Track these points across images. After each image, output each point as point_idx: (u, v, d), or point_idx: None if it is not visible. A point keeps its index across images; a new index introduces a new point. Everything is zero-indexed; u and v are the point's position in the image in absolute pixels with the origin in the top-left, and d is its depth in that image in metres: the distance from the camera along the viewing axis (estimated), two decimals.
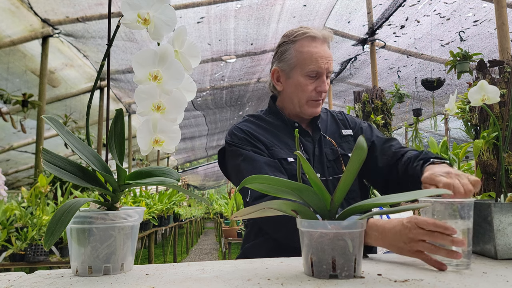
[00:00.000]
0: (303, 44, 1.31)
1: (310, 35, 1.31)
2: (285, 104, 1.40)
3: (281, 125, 1.38)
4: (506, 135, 0.92)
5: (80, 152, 0.73)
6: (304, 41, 1.32)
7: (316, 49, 1.30)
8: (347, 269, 0.65)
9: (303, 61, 1.30)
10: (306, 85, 1.30)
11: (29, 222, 2.68)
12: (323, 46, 1.32)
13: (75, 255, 0.71)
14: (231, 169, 1.33)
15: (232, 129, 1.37)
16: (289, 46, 1.35)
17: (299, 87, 1.32)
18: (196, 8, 4.83)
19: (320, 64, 1.28)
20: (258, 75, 7.42)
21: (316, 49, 1.30)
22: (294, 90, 1.33)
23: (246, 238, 1.40)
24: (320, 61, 1.28)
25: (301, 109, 1.34)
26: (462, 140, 9.43)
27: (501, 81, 2.88)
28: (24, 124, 4.91)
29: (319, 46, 1.31)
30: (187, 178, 20.48)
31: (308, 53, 1.30)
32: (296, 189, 0.72)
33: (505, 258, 0.80)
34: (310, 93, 1.31)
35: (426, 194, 0.68)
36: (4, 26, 4.32)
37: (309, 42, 1.31)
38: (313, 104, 1.33)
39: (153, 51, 0.70)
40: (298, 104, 1.34)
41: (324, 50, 1.31)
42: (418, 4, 5.33)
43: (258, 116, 1.42)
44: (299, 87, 1.32)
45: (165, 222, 5.64)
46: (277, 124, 1.38)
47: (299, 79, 1.31)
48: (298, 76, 1.32)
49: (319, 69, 1.29)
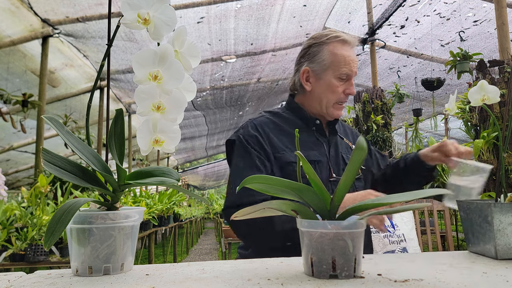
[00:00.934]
0: (336, 46, 1.35)
1: (342, 39, 1.36)
2: (310, 103, 1.41)
3: (300, 122, 1.40)
4: (506, 135, 0.92)
5: (80, 152, 0.73)
6: (337, 44, 1.36)
7: (348, 53, 1.35)
8: (347, 269, 0.65)
9: (337, 63, 1.34)
10: (337, 86, 1.35)
11: (29, 222, 2.68)
12: (352, 50, 1.38)
13: (75, 255, 0.71)
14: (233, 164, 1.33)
15: (248, 123, 1.37)
16: (322, 48, 1.37)
17: (329, 88, 1.35)
18: (196, 8, 4.83)
19: (352, 68, 1.34)
20: (258, 75, 7.42)
21: (348, 52, 1.36)
22: (325, 91, 1.36)
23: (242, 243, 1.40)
24: (352, 65, 1.34)
25: (327, 111, 1.38)
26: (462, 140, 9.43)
27: (501, 81, 2.88)
28: (24, 124, 4.91)
29: (350, 50, 1.37)
30: (187, 178, 20.48)
31: (342, 56, 1.34)
32: (296, 189, 0.72)
33: (505, 258, 0.80)
34: (339, 95, 1.35)
35: (426, 194, 0.68)
36: (4, 26, 4.32)
37: (342, 45, 1.36)
38: (339, 106, 1.38)
39: (153, 51, 0.70)
40: (325, 105, 1.37)
41: (353, 54, 1.38)
42: (418, 4, 5.33)
43: (276, 113, 1.43)
44: (330, 88, 1.35)
45: (165, 222, 5.64)
46: (295, 121, 1.40)
47: (331, 80, 1.35)
48: (330, 78, 1.35)
49: (351, 72, 1.34)
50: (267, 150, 1.29)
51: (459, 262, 0.79)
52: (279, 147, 1.30)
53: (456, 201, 0.94)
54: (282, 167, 1.27)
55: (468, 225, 0.89)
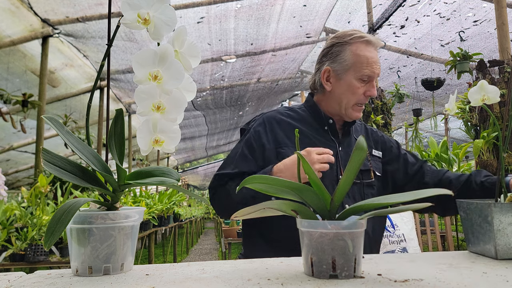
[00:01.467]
0: (360, 47, 1.32)
1: (366, 39, 1.33)
2: (328, 103, 1.40)
3: (313, 121, 1.40)
4: (506, 135, 0.92)
5: (80, 152, 0.73)
6: (361, 45, 1.33)
7: (371, 54, 1.32)
8: (347, 269, 0.65)
9: (359, 64, 1.31)
10: (358, 88, 1.32)
11: (29, 222, 2.68)
12: (375, 51, 1.35)
13: (75, 255, 0.71)
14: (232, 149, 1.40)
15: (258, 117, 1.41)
16: (345, 48, 1.34)
17: (350, 89, 1.33)
18: (196, 8, 4.83)
19: (374, 70, 1.31)
20: (258, 75, 7.42)
21: (371, 54, 1.33)
22: (345, 91, 1.34)
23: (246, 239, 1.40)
24: (375, 66, 1.32)
25: (346, 112, 1.36)
26: (462, 140, 9.43)
27: (501, 81, 2.88)
28: (24, 124, 4.91)
29: (373, 51, 1.34)
30: (187, 178, 20.49)
31: (365, 57, 1.32)
32: (296, 189, 0.72)
33: (505, 258, 0.80)
34: (359, 96, 1.33)
35: (426, 195, 0.68)
36: (4, 26, 4.32)
37: (365, 46, 1.33)
38: (358, 108, 1.35)
39: (153, 51, 0.70)
40: (345, 106, 1.35)
41: (376, 55, 1.34)
42: (418, 4, 5.33)
43: (292, 109, 1.44)
44: (351, 89, 1.33)
45: (165, 222, 5.64)
46: (309, 119, 1.40)
47: (352, 81, 1.33)
48: (351, 78, 1.33)
49: (373, 74, 1.32)
50: (265, 146, 1.31)
51: (459, 262, 0.79)
52: (283, 142, 1.32)
53: (456, 201, 0.94)
54: None
55: (468, 225, 0.89)
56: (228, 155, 1.39)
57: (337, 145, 1.36)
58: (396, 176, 1.43)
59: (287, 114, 1.41)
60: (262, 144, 1.32)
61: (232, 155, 1.36)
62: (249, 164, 1.30)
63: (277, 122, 1.37)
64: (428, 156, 4.06)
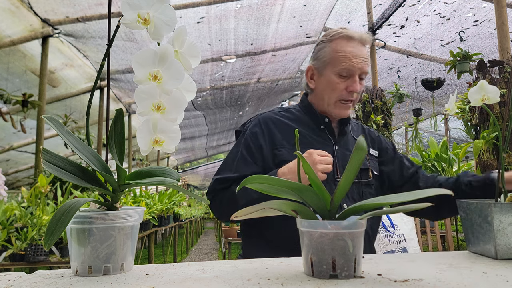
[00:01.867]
0: (339, 43, 1.31)
1: (347, 35, 1.31)
2: (317, 101, 1.39)
3: (309, 121, 1.38)
4: (506, 135, 0.92)
5: (80, 152, 0.73)
6: (341, 40, 1.32)
7: (351, 49, 1.30)
8: (347, 269, 0.65)
9: (336, 59, 1.30)
10: (337, 83, 1.30)
11: (29, 222, 2.68)
12: (359, 46, 1.31)
13: (75, 255, 0.71)
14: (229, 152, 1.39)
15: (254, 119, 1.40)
16: (326, 45, 1.35)
17: (330, 85, 1.32)
18: (196, 8, 4.83)
19: (353, 63, 1.28)
20: (258, 75, 7.42)
21: (351, 48, 1.30)
22: (325, 87, 1.33)
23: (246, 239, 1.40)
24: (354, 60, 1.28)
25: (329, 108, 1.34)
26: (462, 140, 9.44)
27: (501, 81, 2.88)
28: (24, 124, 4.91)
29: (355, 46, 1.31)
30: (187, 178, 20.49)
31: (342, 52, 1.30)
32: (296, 189, 0.72)
33: (505, 258, 0.80)
34: (340, 92, 1.31)
35: (426, 195, 0.68)
36: (4, 26, 4.32)
37: (346, 42, 1.31)
38: (342, 105, 1.33)
39: (153, 51, 0.70)
40: (327, 103, 1.34)
41: (359, 50, 1.31)
42: (418, 4, 5.33)
43: (287, 110, 1.44)
44: (330, 85, 1.32)
45: (165, 222, 5.64)
46: (305, 119, 1.39)
47: (330, 77, 1.31)
48: (330, 74, 1.32)
49: (352, 68, 1.28)
50: (263, 147, 1.30)
51: (459, 262, 0.79)
52: (280, 143, 1.31)
53: (456, 201, 0.94)
54: (278, 164, 1.27)
55: (468, 225, 0.89)
56: (226, 158, 1.37)
57: (333, 144, 1.35)
58: (392, 178, 1.43)
59: (282, 115, 1.40)
60: (260, 145, 1.31)
61: (231, 158, 1.34)
62: (250, 167, 1.29)
63: (273, 123, 1.36)
64: (428, 156, 4.06)
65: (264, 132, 1.33)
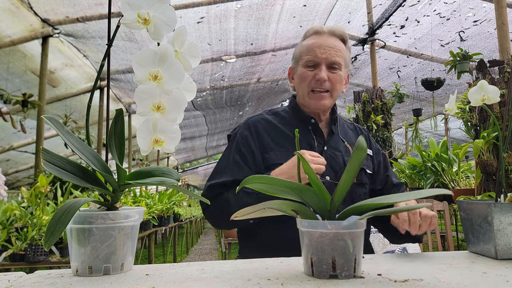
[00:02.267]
0: (308, 40, 1.36)
1: (315, 30, 1.36)
2: (300, 100, 1.41)
3: (296, 122, 1.38)
4: (506, 135, 0.92)
5: (80, 152, 0.73)
6: (310, 36, 1.36)
7: (315, 40, 1.33)
8: (347, 269, 0.65)
9: (302, 53, 1.34)
10: (306, 74, 1.32)
11: (29, 222, 2.67)
12: (326, 37, 1.33)
13: (75, 255, 0.71)
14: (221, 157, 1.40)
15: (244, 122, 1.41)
16: (299, 44, 1.40)
17: (301, 78, 1.34)
18: (196, 8, 4.83)
19: (317, 53, 1.30)
20: (258, 75, 7.42)
21: (315, 40, 1.33)
22: (299, 82, 1.36)
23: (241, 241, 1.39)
24: (317, 51, 1.30)
25: (305, 101, 1.36)
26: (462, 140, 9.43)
27: (501, 81, 2.88)
28: (24, 124, 4.91)
29: (320, 38, 1.33)
30: (187, 178, 20.49)
31: (307, 46, 1.34)
32: (296, 189, 0.72)
33: (505, 258, 0.80)
34: (309, 81, 1.32)
35: (426, 194, 0.68)
36: (4, 26, 4.32)
37: (314, 36, 1.35)
38: (314, 95, 1.33)
39: (153, 51, 0.70)
40: (302, 96, 1.36)
41: (324, 41, 1.32)
42: (418, 4, 5.33)
43: (275, 112, 1.44)
44: (301, 78, 1.34)
45: (165, 222, 5.64)
46: (292, 120, 1.39)
47: (300, 70, 1.35)
48: (300, 68, 1.35)
49: (316, 58, 1.30)
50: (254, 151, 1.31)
51: (459, 262, 0.79)
52: (269, 146, 1.31)
53: (456, 201, 0.94)
54: (268, 167, 1.26)
55: (468, 225, 0.89)
56: (217, 164, 1.37)
57: (322, 145, 1.35)
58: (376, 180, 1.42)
59: (271, 118, 1.41)
60: (251, 148, 1.32)
61: (223, 163, 1.34)
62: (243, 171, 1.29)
63: (262, 126, 1.36)
64: (428, 156, 4.06)
65: (253, 136, 1.34)
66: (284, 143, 1.32)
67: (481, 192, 2.88)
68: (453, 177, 3.85)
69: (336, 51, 1.31)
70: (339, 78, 1.32)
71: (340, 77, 1.33)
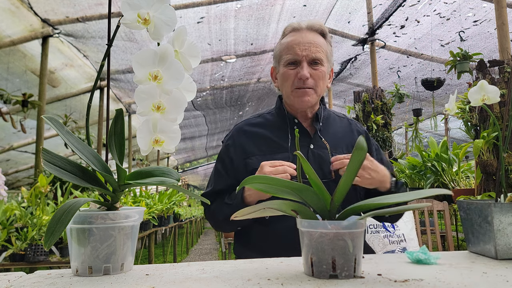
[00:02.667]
0: (288, 36, 1.32)
1: (293, 27, 1.32)
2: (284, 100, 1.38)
3: (281, 123, 1.36)
4: (506, 135, 0.92)
5: (80, 152, 0.73)
6: (289, 34, 1.33)
7: (294, 37, 1.29)
8: (347, 269, 0.65)
9: (282, 52, 1.31)
10: (288, 74, 1.28)
11: (29, 222, 2.67)
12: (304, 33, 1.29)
13: (75, 255, 0.71)
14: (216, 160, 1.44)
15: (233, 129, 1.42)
16: (279, 42, 1.37)
17: (283, 78, 1.31)
18: (196, 8, 4.83)
19: (297, 51, 1.27)
20: (258, 75, 7.42)
21: (294, 37, 1.29)
22: (282, 82, 1.33)
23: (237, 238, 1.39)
24: (297, 48, 1.27)
25: (289, 99, 1.32)
26: (462, 140, 9.44)
27: (501, 81, 2.88)
28: (24, 124, 4.91)
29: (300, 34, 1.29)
30: (187, 178, 20.49)
31: (286, 44, 1.30)
32: (296, 189, 0.72)
33: (505, 258, 0.80)
34: (292, 80, 1.28)
35: (426, 194, 0.68)
36: (4, 26, 4.32)
37: (293, 33, 1.31)
38: (298, 92, 1.28)
39: (153, 51, 0.70)
40: (287, 95, 1.32)
41: (303, 37, 1.28)
42: (418, 4, 5.33)
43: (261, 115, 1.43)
44: (283, 78, 1.31)
45: (165, 222, 5.64)
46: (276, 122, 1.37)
47: (282, 70, 1.31)
48: (281, 68, 1.32)
49: (296, 56, 1.27)
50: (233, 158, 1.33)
51: (459, 262, 0.79)
52: (251, 152, 1.30)
53: (456, 201, 0.94)
54: (250, 172, 1.25)
55: (468, 225, 0.89)
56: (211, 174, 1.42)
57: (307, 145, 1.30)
58: None
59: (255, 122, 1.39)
60: (231, 157, 1.33)
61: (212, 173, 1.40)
62: (222, 179, 1.33)
63: (244, 133, 1.36)
64: (428, 156, 4.06)
65: (235, 144, 1.35)
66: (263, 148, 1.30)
67: (481, 192, 2.88)
68: (453, 177, 3.85)
69: (317, 46, 1.27)
70: (322, 74, 1.29)
71: (322, 73, 1.29)
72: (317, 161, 1.27)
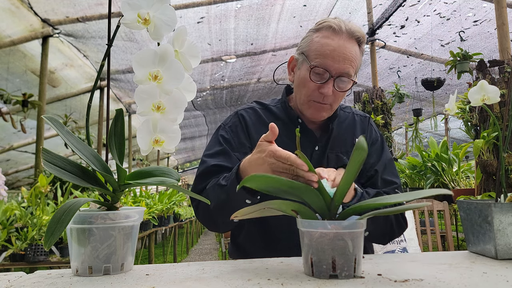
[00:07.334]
0: (323, 34, 1.14)
1: (332, 27, 1.12)
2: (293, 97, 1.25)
3: (285, 119, 1.25)
4: (506, 135, 0.92)
5: (80, 152, 0.73)
6: (325, 31, 1.13)
7: (329, 41, 1.11)
8: (347, 269, 0.65)
9: (311, 52, 1.14)
10: (309, 81, 1.13)
11: (29, 222, 2.67)
12: (343, 40, 1.12)
13: (75, 255, 0.71)
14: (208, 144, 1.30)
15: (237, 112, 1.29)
16: (310, 34, 1.18)
17: (302, 83, 1.16)
18: (196, 8, 4.83)
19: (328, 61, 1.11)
20: (258, 75, 7.42)
21: (330, 40, 1.11)
22: (298, 83, 1.19)
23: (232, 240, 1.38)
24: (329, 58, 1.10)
25: (301, 107, 1.20)
26: (462, 140, 9.44)
27: (501, 81, 2.88)
28: (24, 124, 4.91)
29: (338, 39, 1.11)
30: (187, 178, 20.48)
31: (319, 44, 1.12)
32: (296, 189, 0.72)
33: (505, 258, 0.80)
34: (312, 91, 1.14)
35: (426, 194, 0.68)
36: (4, 26, 4.32)
37: (329, 34, 1.12)
38: (314, 106, 1.15)
39: (153, 51, 0.70)
40: (299, 102, 1.20)
41: (340, 45, 1.11)
42: (418, 4, 5.33)
43: (265, 105, 1.31)
44: (302, 83, 1.16)
45: (165, 222, 5.64)
46: (281, 117, 1.25)
47: (304, 73, 1.15)
48: (304, 69, 1.16)
49: (326, 67, 1.10)
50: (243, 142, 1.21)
51: (459, 262, 0.79)
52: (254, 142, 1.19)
53: (456, 201, 0.94)
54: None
55: (468, 225, 0.89)
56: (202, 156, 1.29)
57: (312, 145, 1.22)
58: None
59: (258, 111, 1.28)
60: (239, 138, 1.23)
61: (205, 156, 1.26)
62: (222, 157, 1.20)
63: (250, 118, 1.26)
64: (428, 156, 4.06)
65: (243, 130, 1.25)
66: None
67: (481, 192, 2.88)
68: (453, 177, 3.85)
69: (351, 60, 1.12)
70: (344, 93, 1.16)
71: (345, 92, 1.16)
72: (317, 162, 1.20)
